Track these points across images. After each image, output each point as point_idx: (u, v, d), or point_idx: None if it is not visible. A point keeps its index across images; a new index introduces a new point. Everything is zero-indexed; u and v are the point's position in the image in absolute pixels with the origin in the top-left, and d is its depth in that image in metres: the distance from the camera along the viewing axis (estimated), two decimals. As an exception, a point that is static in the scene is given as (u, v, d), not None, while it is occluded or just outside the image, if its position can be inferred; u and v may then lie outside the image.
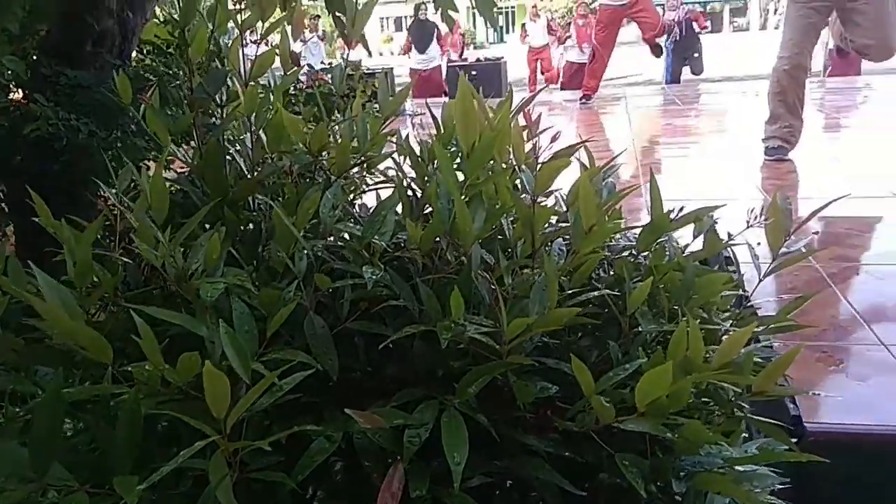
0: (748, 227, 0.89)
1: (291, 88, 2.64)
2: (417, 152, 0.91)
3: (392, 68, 9.49)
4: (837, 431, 1.28)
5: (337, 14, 1.92)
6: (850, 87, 7.19)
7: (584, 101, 7.20)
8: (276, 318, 0.70)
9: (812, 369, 1.41)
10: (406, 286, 0.70)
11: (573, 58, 9.87)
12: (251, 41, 1.01)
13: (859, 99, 6.31)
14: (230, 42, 0.92)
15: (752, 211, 0.87)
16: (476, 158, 0.70)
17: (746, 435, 0.87)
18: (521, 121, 0.92)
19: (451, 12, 2.13)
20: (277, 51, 0.94)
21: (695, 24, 10.37)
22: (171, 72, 1.89)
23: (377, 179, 1.05)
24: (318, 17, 10.69)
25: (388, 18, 41.57)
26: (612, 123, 6.17)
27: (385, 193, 0.91)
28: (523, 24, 14.19)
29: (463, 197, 0.76)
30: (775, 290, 1.80)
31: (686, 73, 10.50)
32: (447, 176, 0.69)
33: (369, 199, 1.02)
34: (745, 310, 0.97)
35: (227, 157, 0.93)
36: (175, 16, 0.93)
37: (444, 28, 9.65)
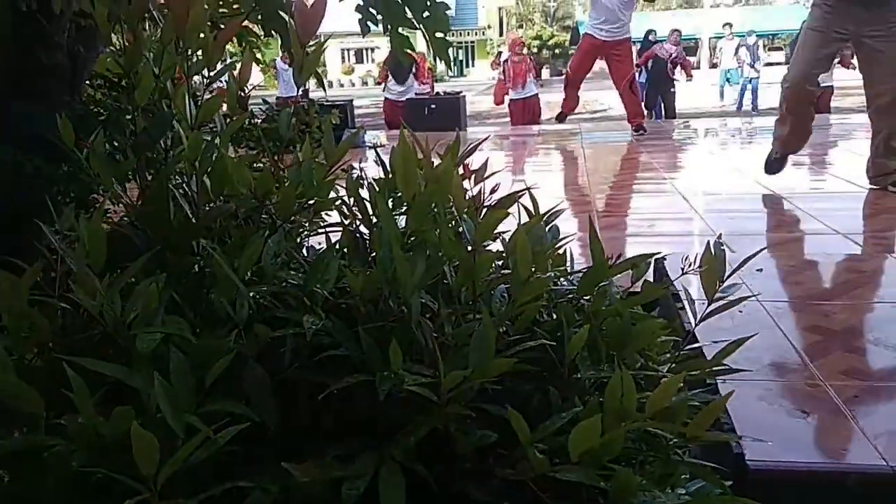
0: (682, 273, 0.92)
1: (247, 122, 2.64)
2: (367, 194, 0.92)
3: (352, 100, 9.53)
4: (780, 469, 1.30)
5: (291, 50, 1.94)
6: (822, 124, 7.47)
7: (558, 119, 7.63)
8: (215, 368, 0.70)
9: (754, 407, 1.45)
10: (349, 334, 0.71)
11: (514, 95, 10.05)
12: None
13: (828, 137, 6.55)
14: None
15: (685, 259, 0.90)
16: (417, 208, 0.71)
17: (686, 476, 0.89)
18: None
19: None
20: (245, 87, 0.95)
21: (678, 68, 10.65)
22: (121, 107, 1.87)
23: (328, 221, 1.05)
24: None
25: (349, 50, 41.88)
26: (571, 159, 6.29)
27: (337, 234, 0.92)
28: (501, 56, 14.38)
29: (409, 242, 0.78)
30: (720, 327, 1.84)
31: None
32: (388, 226, 0.70)
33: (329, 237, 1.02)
34: (686, 351, 1.00)
35: (172, 200, 0.92)
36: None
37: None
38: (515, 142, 8.00)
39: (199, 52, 0.92)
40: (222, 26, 2.23)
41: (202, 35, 0.92)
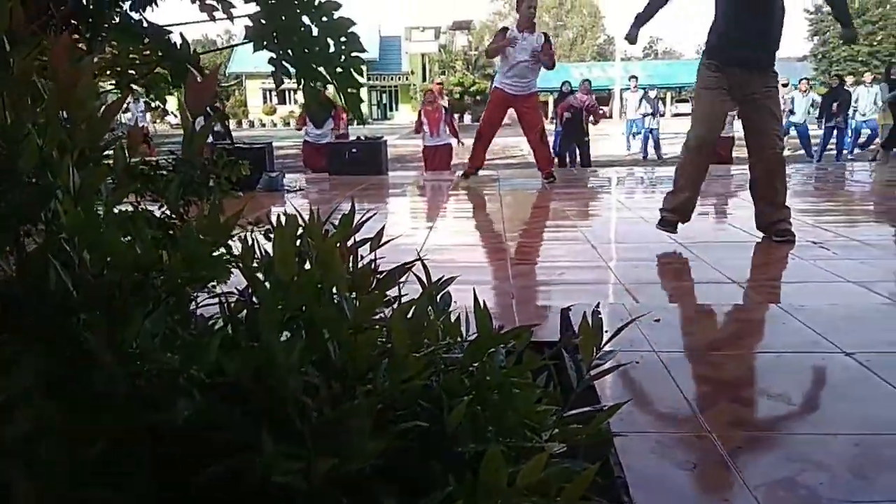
0: (559, 346, 0.96)
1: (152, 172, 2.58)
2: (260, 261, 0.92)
3: (271, 142, 9.44)
4: (668, 521, 1.36)
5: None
6: (724, 174, 7.92)
7: (466, 176, 7.60)
8: (89, 453, 0.68)
9: (646, 461, 1.51)
10: (224, 418, 0.71)
11: (428, 142, 10.26)
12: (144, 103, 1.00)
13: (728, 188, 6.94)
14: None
15: (566, 330, 0.94)
16: (297, 290, 0.72)
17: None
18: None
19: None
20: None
21: (592, 116, 11.06)
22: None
23: (220, 291, 1.05)
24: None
25: (270, 91, 41.68)
26: (488, 205, 6.42)
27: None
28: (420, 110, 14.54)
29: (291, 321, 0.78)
30: (617, 381, 1.92)
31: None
32: (268, 306, 0.71)
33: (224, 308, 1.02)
34: (573, 413, 1.04)
35: (53, 273, 0.90)
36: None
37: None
38: (435, 187, 8.12)
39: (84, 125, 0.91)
40: (132, 71, 2.21)
41: (89, 106, 0.92)
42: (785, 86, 14.85)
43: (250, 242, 1.02)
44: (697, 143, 4.03)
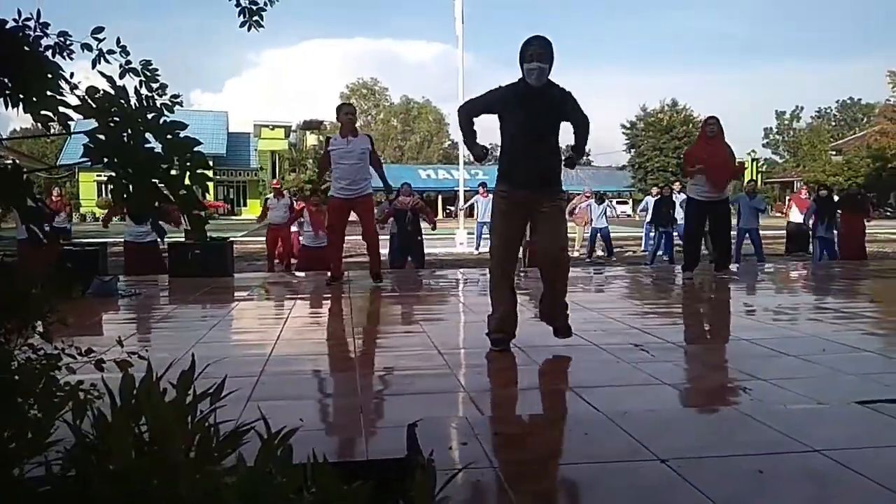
0: (406, 470, 1.02)
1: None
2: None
3: (105, 243, 8.93)
4: None
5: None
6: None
7: (331, 281, 7.66)
8: None
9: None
10: None
11: (308, 242, 10.22)
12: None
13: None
14: None
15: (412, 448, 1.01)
16: (135, 474, 0.74)
17: None
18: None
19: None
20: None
21: (422, 216, 11.23)
22: None
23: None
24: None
25: (105, 184, 39.45)
26: (334, 311, 6.42)
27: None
28: (266, 199, 14.29)
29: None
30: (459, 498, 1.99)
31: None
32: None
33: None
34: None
35: None
36: None
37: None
38: (284, 291, 8.01)
39: None
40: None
41: None
42: (599, 196, 16.43)
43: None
44: (500, 269, 4.33)
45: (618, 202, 41.39)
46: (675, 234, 14.08)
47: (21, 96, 1.61)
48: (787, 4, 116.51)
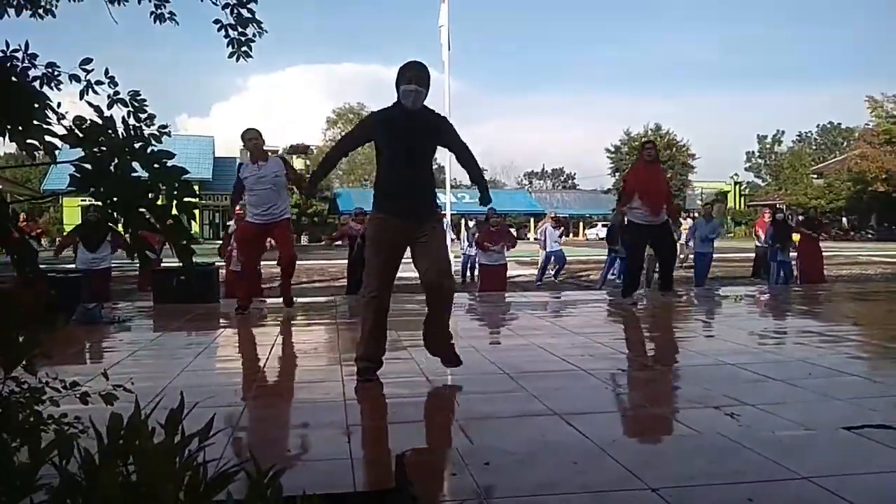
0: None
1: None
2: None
3: (87, 270, 8.83)
4: None
5: None
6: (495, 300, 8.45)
7: (239, 311, 7.36)
8: None
9: None
10: None
11: (234, 266, 10.13)
12: None
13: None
14: None
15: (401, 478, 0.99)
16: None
17: None
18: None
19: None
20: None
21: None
22: None
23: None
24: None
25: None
26: (322, 337, 6.38)
27: None
28: (227, 227, 14.05)
29: None
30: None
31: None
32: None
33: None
34: None
35: None
36: None
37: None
38: (269, 315, 7.92)
39: None
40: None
41: None
42: (556, 220, 16.32)
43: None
44: (375, 300, 4.15)
45: (602, 224, 41.35)
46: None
47: (8, 127, 1.60)
48: (771, 32, 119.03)
